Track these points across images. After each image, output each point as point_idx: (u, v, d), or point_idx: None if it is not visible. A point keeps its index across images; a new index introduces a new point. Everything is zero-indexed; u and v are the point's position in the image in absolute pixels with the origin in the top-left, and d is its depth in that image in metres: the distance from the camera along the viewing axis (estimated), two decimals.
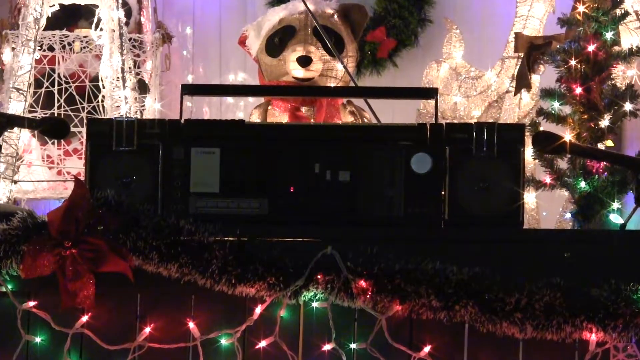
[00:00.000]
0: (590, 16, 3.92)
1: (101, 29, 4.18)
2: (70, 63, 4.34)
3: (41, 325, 2.02)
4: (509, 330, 1.95)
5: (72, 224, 1.94)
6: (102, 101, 4.17)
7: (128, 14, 4.51)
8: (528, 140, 2.28)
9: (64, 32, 4.34)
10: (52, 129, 2.27)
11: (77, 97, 4.27)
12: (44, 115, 4.13)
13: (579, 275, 1.97)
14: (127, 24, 4.34)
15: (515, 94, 4.31)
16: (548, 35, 4.24)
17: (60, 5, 4.32)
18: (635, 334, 1.93)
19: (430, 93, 2.35)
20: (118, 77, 4.06)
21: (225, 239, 1.99)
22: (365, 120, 3.86)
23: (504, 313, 1.94)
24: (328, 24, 3.86)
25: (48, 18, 4.16)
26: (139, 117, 4.06)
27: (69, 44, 4.31)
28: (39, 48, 4.13)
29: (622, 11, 3.98)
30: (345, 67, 3.73)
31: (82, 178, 2.11)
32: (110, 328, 2.02)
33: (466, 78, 4.45)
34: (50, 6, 4.19)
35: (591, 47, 3.89)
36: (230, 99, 5.33)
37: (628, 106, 3.89)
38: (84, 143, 2.22)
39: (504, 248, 2.06)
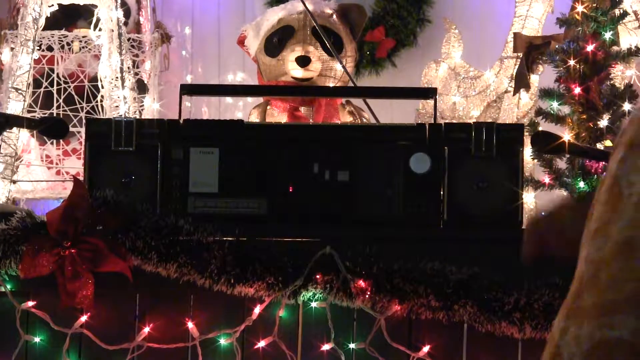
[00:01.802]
0: (589, 16, 3.92)
1: (100, 29, 4.18)
2: (69, 63, 4.34)
3: (40, 325, 2.02)
4: (507, 330, 1.95)
5: (71, 224, 1.94)
6: (101, 101, 4.17)
7: (127, 13, 4.51)
8: (527, 140, 2.28)
9: (63, 32, 4.34)
10: (51, 129, 2.27)
11: (76, 97, 4.27)
12: (42, 115, 4.12)
13: None
14: (126, 23, 4.34)
15: (514, 94, 4.31)
16: (547, 35, 4.24)
17: (59, 5, 4.32)
18: None
19: (429, 93, 2.35)
20: (117, 77, 4.05)
21: (224, 238, 1.99)
22: (364, 120, 3.86)
23: (503, 313, 1.94)
24: (327, 24, 3.85)
25: (47, 18, 4.16)
26: (137, 117, 4.06)
27: (68, 44, 4.31)
28: (38, 48, 4.13)
29: (621, 11, 3.98)
30: (344, 67, 3.73)
31: (81, 178, 2.11)
32: (109, 328, 2.02)
33: (465, 78, 4.45)
34: (49, 6, 4.19)
35: (590, 47, 3.89)
36: (229, 99, 5.34)
37: (627, 106, 3.89)
38: (83, 143, 2.22)
39: (502, 248, 2.06)
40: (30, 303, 2.02)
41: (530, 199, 4.05)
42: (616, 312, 0.90)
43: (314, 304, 2.01)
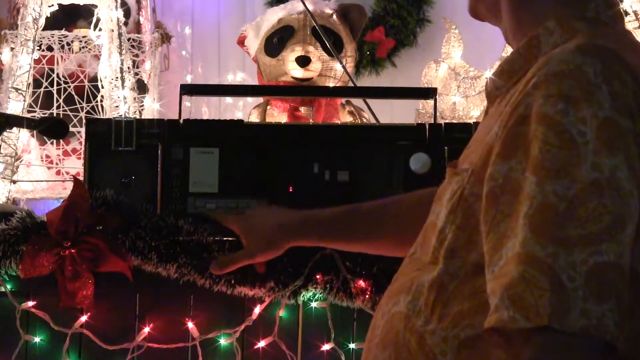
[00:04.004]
0: None
1: (100, 29, 4.18)
2: (69, 63, 4.33)
3: (40, 325, 2.02)
4: None
5: (71, 224, 1.94)
6: (101, 101, 4.16)
7: (127, 14, 4.51)
8: None
9: (63, 32, 4.34)
10: (51, 129, 2.27)
11: (76, 97, 4.26)
12: (43, 115, 4.12)
13: None
14: (126, 24, 4.34)
15: None
16: None
17: (59, 5, 4.32)
18: None
19: (429, 93, 2.35)
20: (117, 77, 4.05)
21: (225, 239, 1.99)
22: (364, 120, 3.85)
23: None
24: (327, 24, 3.85)
25: (47, 18, 4.15)
26: (137, 117, 4.06)
27: (68, 44, 4.30)
28: (38, 48, 4.13)
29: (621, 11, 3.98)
30: (344, 67, 3.72)
31: (81, 178, 2.11)
32: (109, 328, 2.02)
33: (465, 78, 4.45)
34: (49, 6, 4.19)
35: None
36: (229, 99, 5.33)
37: None
38: (83, 143, 2.21)
39: None
40: (30, 303, 2.01)
41: None
42: (602, 241, 1.07)
43: (314, 304, 2.01)
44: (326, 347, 2.01)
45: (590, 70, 1.14)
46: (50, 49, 4.29)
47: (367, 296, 1.96)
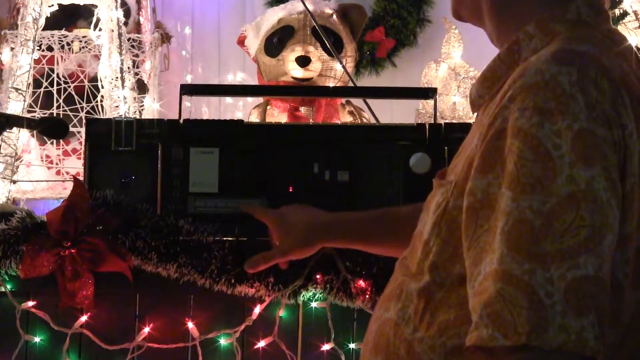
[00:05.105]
0: None
1: (100, 29, 4.17)
2: (69, 63, 4.33)
3: (40, 325, 2.02)
4: None
5: (71, 224, 1.94)
6: (101, 101, 4.16)
7: (127, 14, 4.50)
8: None
9: (63, 32, 4.33)
10: (51, 129, 2.27)
11: (76, 97, 4.26)
12: (42, 115, 4.12)
13: None
14: (126, 24, 4.33)
15: None
16: None
17: (59, 5, 4.32)
18: None
19: (429, 93, 2.35)
20: (117, 77, 4.05)
21: (225, 238, 1.99)
22: (364, 120, 3.85)
23: None
24: (327, 24, 3.85)
25: (47, 18, 4.15)
26: (137, 117, 4.06)
27: (68, 44, 4.30)
28: (38, 48, 4.12)
29: (621, 11, 3.98)
30: (344, 67, 3.72)
31: (81, 178, 2.11)
32: (109, 328, 2.02)
33: (465, 78, 4.45)
34: (49, 6, 4.18)
35: None
36: (229, 99, 5.33)
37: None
38: (83, 143, 2.22)
39: None
40: (30, 303, 2.02)
41: None
42: (579, 255, 1.06)
43: (314, 304, 2.01)
44: (326, 347, 2.01)
45: (565, 80, 1.13)
46: (50, 49, 4.29)
47: (367, 296, 1.96)
